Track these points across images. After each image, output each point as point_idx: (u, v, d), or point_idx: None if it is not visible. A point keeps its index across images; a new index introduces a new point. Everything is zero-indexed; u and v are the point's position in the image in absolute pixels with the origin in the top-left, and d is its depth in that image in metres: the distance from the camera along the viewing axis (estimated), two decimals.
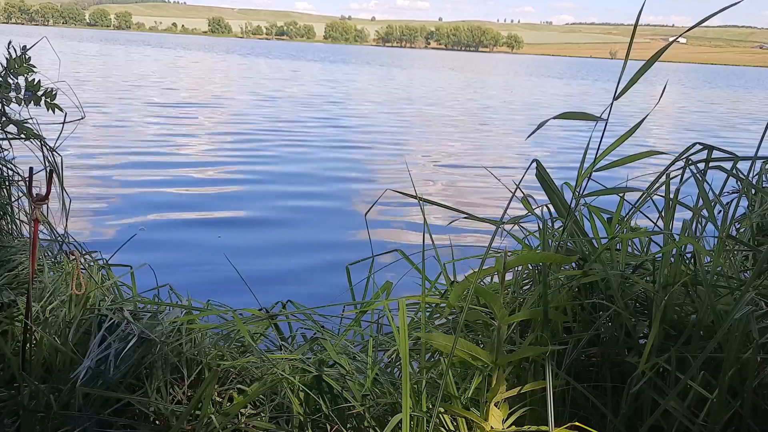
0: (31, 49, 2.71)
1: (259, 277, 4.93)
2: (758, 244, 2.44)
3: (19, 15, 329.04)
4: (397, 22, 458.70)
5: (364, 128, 14.82)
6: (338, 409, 1.94)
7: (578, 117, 1.99)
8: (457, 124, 17.06)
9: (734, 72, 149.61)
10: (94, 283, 2.49)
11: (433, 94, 28.90)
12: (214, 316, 2.33)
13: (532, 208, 2.17)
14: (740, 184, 2.36)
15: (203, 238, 5.99)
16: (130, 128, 12.41)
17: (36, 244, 2.14)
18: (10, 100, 2.62)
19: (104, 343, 2.04)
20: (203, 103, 18.05)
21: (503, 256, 1.72)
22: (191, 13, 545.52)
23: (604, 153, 2.00)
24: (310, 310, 2.31)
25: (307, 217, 6.99)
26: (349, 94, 25.58)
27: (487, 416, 1.66)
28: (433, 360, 2.10)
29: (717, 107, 29.89)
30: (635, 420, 1.83)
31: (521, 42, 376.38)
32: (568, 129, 15.40)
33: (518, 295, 2.13)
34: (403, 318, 1.69)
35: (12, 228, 2.87)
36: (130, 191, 7.56)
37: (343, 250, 5.71)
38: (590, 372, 1.98)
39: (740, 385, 1.72)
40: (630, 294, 2.00)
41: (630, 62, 1.97)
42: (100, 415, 1.90)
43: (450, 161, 11.16)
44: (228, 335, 2.25)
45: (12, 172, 2.87)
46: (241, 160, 9.99)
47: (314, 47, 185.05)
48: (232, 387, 2.07)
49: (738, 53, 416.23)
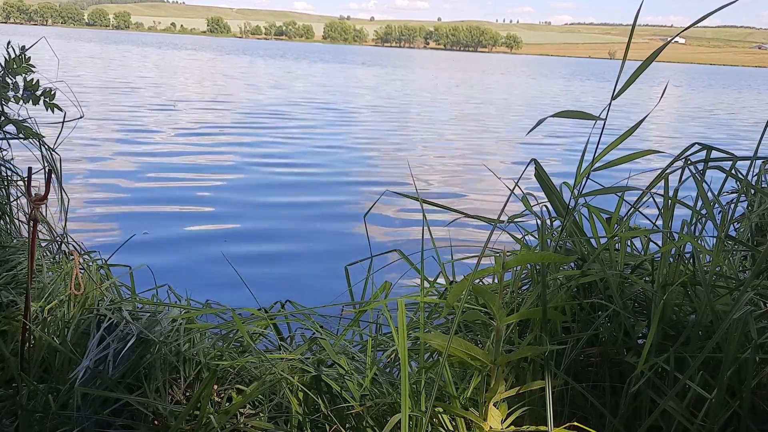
0: (30, 48, 2.70)
1: (258, 277, 4.93)
2: (757, 244, 2.44)
3: (17, 15, 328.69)
4: (396, 22, 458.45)
5: (364, 128, 14.82)
6: (337, 409, 1.93)
7: (577, 116, 1.99)
8: (457, 124, 17.07)
9: (733, 72, 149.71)
10: (92, 283, 2.49)
11: (433, 93, 28.89)
12: (213, 316, 2.33)
13: (531, 207, 2.17)
14: (739, 184, 2.36)
15: (203, 238, 5.98)
16: (130, 128, 12.40)
17: (35, 243, 2.14)
18: (8, 99, 2.62)
19: (103, 343, 2.04)
20: (203, 104, 18.04)
21: (502, 256, 1.72)
22: (190, 13, 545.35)
23: (603, 152, 2.01)
24: (309, 310, 2.31)
25: (306, 217, 6.98)
26: (349, 94, 25.57)
27: (485, 416, 1.66)
28: (432, 360, 2.10)
29: (717, 107, 29.90)
30: (634, 420, 1.83)
31: (520, 42, 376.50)
32: (568, 128, 15.40)
33: (517, 295, 2.13)
34: (402, 318, 1.68)
35: (11, 228, 2.86)
36: (130, 191, 7.55)
37: (342, 251, 5.71)
38: (589, 372, 1.98)
39: (739, 385, 1.72)
40: (629, 294, 2.00)
41: (628, 62, 1.98)
42: (98, 415, 1.89)
43: (450, 161, 11.16)
44: (227, 335, 2.25)
45: (11, 171, 2.86)
46: (241, 160, 9.99)
47: (313, 47, 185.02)
48: (231, 387, 2.07)
49: (737, 53, 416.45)
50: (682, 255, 2.03)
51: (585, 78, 60.63)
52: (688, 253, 2.05)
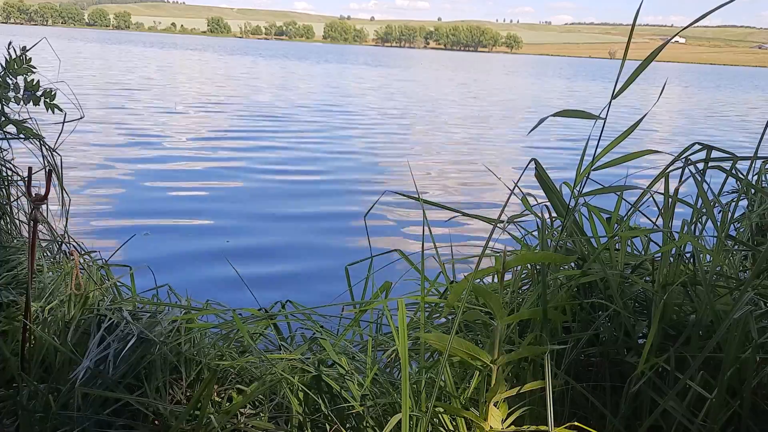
0: (31, 49, 2.71)
1: (258, 277, 4.93)
2: (757, 243, 2.44)
3: (18, 15, 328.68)
4: (396, 22, 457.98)
5: (364, 128, 14.81)
6: (337, 409, 1.94)
7: (577, 115, 1.99)
8: (456, 123, 17.06)
9: (736, 72, 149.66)
10: (93, 283, 2.49)
11: (433, 93, 28.89)
12: (213, 316, 2.33)
13: (531, 207, 2.17)
14: (739, 183, 2.36)
15: (203, 238, 5.98)
16: (130, 128, 12.40)
17: (35, 243, 2.14)
18: (9, 99, 2.62)
19: (103, 343, 2.04)
20: (203, 104, 18.04)
21: (502, 256, 1.72)
22: (190, 12, 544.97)
23: (602, 152, 2.01)
24: (309, 310, 2.31)
25: (306, 217, 6.98)
26: (349, 93, 25.57)
27: (486, 416, 1.66)
28: (432, 360, 2.10)
29: (716, 107, 29.88)
30: (634, 420, 1.83)
31: (520, 42, 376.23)
32: (567, 129, 15.40)
33: (517, 295, 2.13)
34: (403, 318, 1.69)
35: (11, 228, 2.87)
36: (130, 191, 7.55)
37: (342, 251, 5.72)
38: (589, 372, 1.98)
39: (739, 384, 1.72)
40: (629, 294, 2.00)
41: (628, 62, 1.98)
42: (99, 415, 1.89)
43: (450, 160, 11.16)
44: (227, 335, 2.25)
45: (11, 171, 2.86)
46: (240, 160, 9.99)
47: (314, 47, 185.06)
48: (232, 387, 2.07)
49: (737, 53, 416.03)
50: (683, 255, 2.03)
51: (589, 78, 60.57)
52: (689, 253, 2.05)
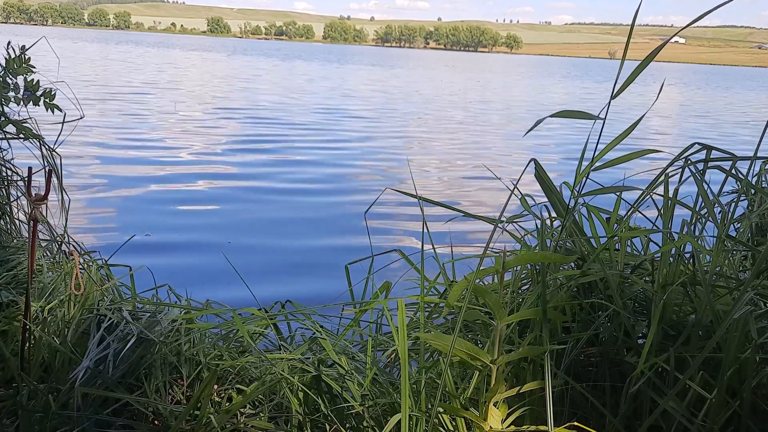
0: (30, 48, 2.71)
1: (258, 277, 4.93)
2: (757, 244, 2.44)
3: (17, 15, 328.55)
4: (396, 22, 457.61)
5: (364, 128, 14.82)
6: (337, 409, 1.94)
7: (576, 115, 1.99)
8: (456, 123, 17.06)
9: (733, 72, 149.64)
10: (93, 283, 2.49)
11: (433, 93, 28.89)
12: (213, 316, 2.33)
13: (531, 207, 2.17)
14: (739, 184, 2.36)
15: (204, 237, 5.98)
16: (130, 128, 12.40)
17: (35, 243, 2.14)
18: (9, 99, 2.62)
19: (103, 343, 2.04)
20: (203, 105, 18.04)
21: (502, 256, 1.72)
22: (190, 12, 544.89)
23: (602, 152, 2.00)
24: (309, 310, 2.31)
25: (306, 217, 6.98)
26: (349, 93, 25.57)
27: (486, 416, 1.66)
28: (432, 360, 2.10)
29: (716, 107, 29.88)
30: (634, 420, 1.83)
31: (520, 42, 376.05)
32: (567, 128, 15.40)
33: (517, 295, 2.13)
34: (402, 318, 1.69)
35: (11, 228, 2.87)
36: (130, 191, 7.55)
37: (342, 250, 5.71)
38: (589, 372, 1.98)
39: (739, 385, 1.72)
40: (629, 294, 2.00)
41: (628, 62, 1.98)
42: (98, 415, 1.89)
43: (450, 160, 11.16)
44: (227, 335, 2.25)
45: (11, 171, 2.86)
46: (240, 159, 9.99)
47: (314, 47, 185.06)
48: (231, 387, 2.07)
49: (737, 53, 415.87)
50: (682, 255, 2.03)
51: (590, 78, 60.54)
52: (688, 253, 2.05)
